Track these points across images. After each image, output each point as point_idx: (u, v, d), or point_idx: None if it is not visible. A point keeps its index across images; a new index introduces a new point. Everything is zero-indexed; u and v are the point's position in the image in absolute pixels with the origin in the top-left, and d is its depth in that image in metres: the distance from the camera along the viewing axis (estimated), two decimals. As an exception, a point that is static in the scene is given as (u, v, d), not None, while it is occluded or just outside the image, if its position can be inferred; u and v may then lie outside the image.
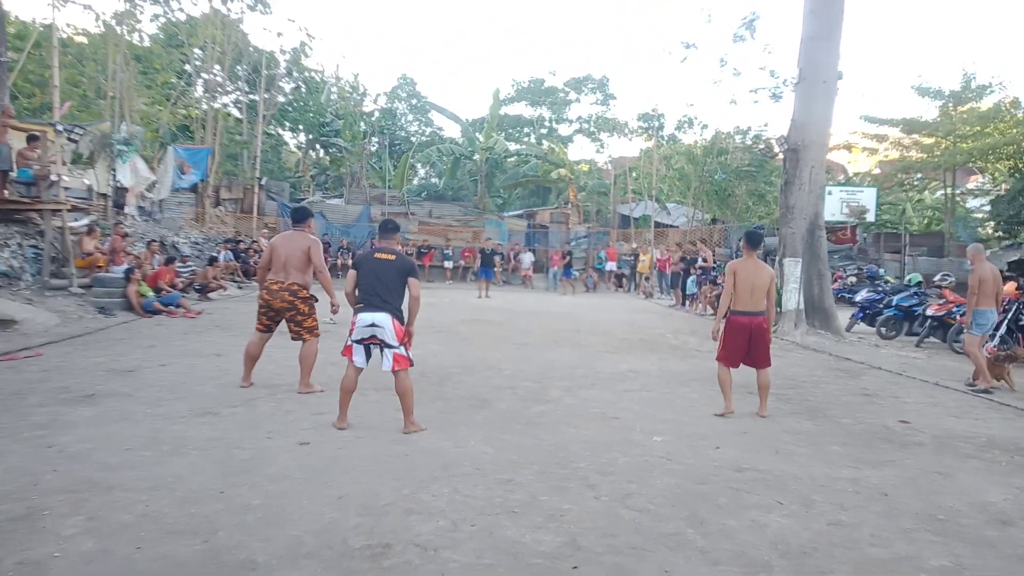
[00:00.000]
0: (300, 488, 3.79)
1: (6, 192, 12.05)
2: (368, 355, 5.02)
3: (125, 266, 12.18)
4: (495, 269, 21.00)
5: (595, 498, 3.84)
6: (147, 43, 27.13)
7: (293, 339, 6.40)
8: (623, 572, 2.96)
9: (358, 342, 4.96)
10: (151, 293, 11.77)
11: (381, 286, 4.94)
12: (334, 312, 6.41)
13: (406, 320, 5.04)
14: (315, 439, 4.76)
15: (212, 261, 16.29)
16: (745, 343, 6.00)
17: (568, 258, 23.43)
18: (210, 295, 14.83)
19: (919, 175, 30.07)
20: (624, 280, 26.18)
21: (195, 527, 3.22)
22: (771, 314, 6.22)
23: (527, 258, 25.99)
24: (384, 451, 4.54)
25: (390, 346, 4.88)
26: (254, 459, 4.27)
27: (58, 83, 13.44)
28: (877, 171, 33.22)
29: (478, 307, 15.89)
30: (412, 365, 5.05)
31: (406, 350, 4.97)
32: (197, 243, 19.97)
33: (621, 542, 3.26)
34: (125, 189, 18.40)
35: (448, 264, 25.93)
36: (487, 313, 14.39)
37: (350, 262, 7.17)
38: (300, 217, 6.57)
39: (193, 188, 23.30)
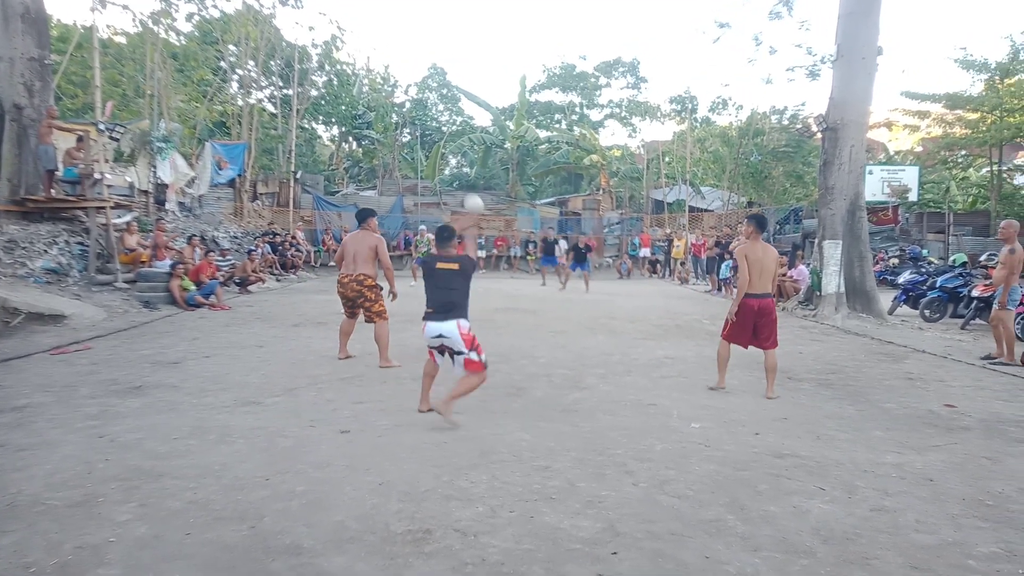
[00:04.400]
0: (342, 475, 3.86)
1: (53, 191, 12.46)
2: (443, 355, 5.11)
3: (168, 261, 12.48)
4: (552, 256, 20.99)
5: (633, 484, 3.84)
6: (183, 41, 27.61)
7: (366, 322, 7.27)
8: (663, 558, 2.96)
9: (432, 348, 5.11)
10: (193, 287, 12.05)
11: (448, 295, 5.00)
12: (393, 299, 7.49)
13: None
14: (355, 427, 4.84)
15: (250, 254, 16.59)
16: (752, 324, 6.19)
17: (570, 248, 19.71)
18: (250, 288, 15.12)
19: (963, 152, 29.14)
20: (658, 266, 25.97)
21: (242, 513, 3.31)
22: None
23: (561, 246, 25.94)
24: (423, 439, 4.60)
25: (460, 352, 4.96)
26: (297, 447, 4.36)
27: (99, 83, 13.80)
28: (919, 149, 32.32)
29: (512, 295, 15.91)
30: (485, 368, 5.02)
31: (477, 355, 4.97)
32: (236, 237, 20.34)
33: (660, 528, 3.26)
34: (165, 185, 18.82)
35: (481, 253, 26.04)
36: (521, 301, 14.41)
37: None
38: (363, 217, 7.47)
39: (231, 183, 23.69)
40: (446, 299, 4.98)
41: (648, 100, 39.23)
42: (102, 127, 13.52)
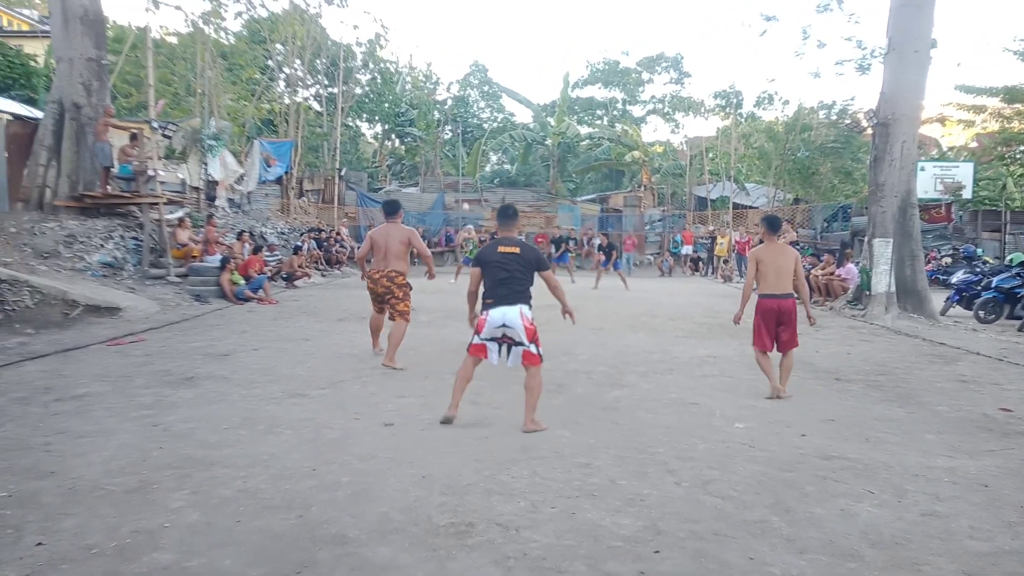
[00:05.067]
0: (386, 467, 3.93)
1: (109, 187, 12.90)
2: (499, 350, 4.88)
3: (219, 256, 12.81)
4: (570, 254, 21.18)
5: (676, 483, 3.81)
6: (232, 41, 28.22)
7: (389, 319, 7.10)
8: (706, 558, 2.94)
9: (490, 340, 4.83)
10: (242, 281, 12.35)
11: (510, 282, 4.77)
12: (430, 279, 7.73)
13: (562, 305, 5.08)
14: (398, 421, 4.91)
15: (296, 250, 16.91)
16: (774, 326, 6.09)
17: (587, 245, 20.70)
18: (296, 283, 15.42)
19: (1022, 147, 28.01)
20: (700, 264, 25.65)
21: (289, 502, 3.40)
22: (804, 294, 6.36)
23: (599, 243, 25.83)
24: (464, 434, 4.65)
25: (520, 344, 4.77)
26: (342, 439, 4.45)
27: (152, 82, 14.22)
28: (974, 144, 31.13)
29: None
30: (542, 362, 4.88)
31: (536, 347, 4.80)
32: (283, 233, 20.76)
33: (703, 528, 3.23)
34: (215, 182, 19.31)
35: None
36: (562, 298, 14.36)
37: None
38: (392, 210, 7.29)
39: (278, 180, 24.19)
40: (507, 286, 4.77)
41: (691, 95, 38.59)
42: (155, 125, 13.93)
